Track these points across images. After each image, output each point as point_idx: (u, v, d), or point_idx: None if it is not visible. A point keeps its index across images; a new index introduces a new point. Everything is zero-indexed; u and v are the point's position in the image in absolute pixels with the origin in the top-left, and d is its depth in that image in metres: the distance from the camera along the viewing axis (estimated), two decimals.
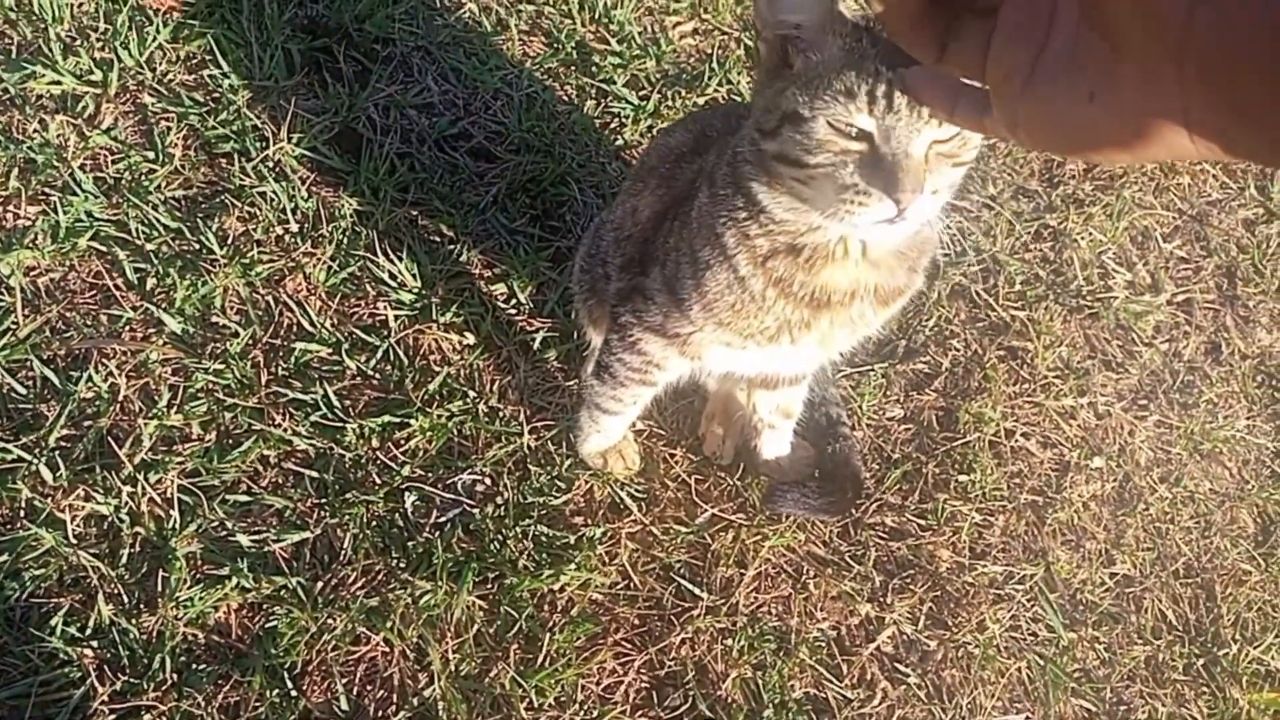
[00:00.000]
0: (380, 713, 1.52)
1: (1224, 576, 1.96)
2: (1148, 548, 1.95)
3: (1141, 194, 2.40)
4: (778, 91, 1.08)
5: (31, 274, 1.75)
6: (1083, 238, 2.28)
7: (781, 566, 1.76)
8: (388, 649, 1.56)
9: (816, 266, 1.20)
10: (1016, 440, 2.00)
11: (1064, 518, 1.93)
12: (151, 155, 1.90)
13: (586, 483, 1.76)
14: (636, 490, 1.78)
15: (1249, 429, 2.15)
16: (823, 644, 1.70)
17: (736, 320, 1.28)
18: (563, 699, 1.56)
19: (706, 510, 1.78)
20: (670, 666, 1.63)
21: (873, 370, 2.01)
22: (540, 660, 1.58)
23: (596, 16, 2.31)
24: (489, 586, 1.63)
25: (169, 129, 1.93)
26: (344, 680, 1.52)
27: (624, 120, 2.19)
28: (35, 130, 1.87)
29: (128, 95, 1.96)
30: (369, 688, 1.54)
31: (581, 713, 1.56)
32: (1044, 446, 2.01)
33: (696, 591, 1.70)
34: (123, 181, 1.86)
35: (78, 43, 1.97)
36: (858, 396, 1.97)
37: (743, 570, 1.74)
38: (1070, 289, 2.21)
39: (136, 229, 1.81)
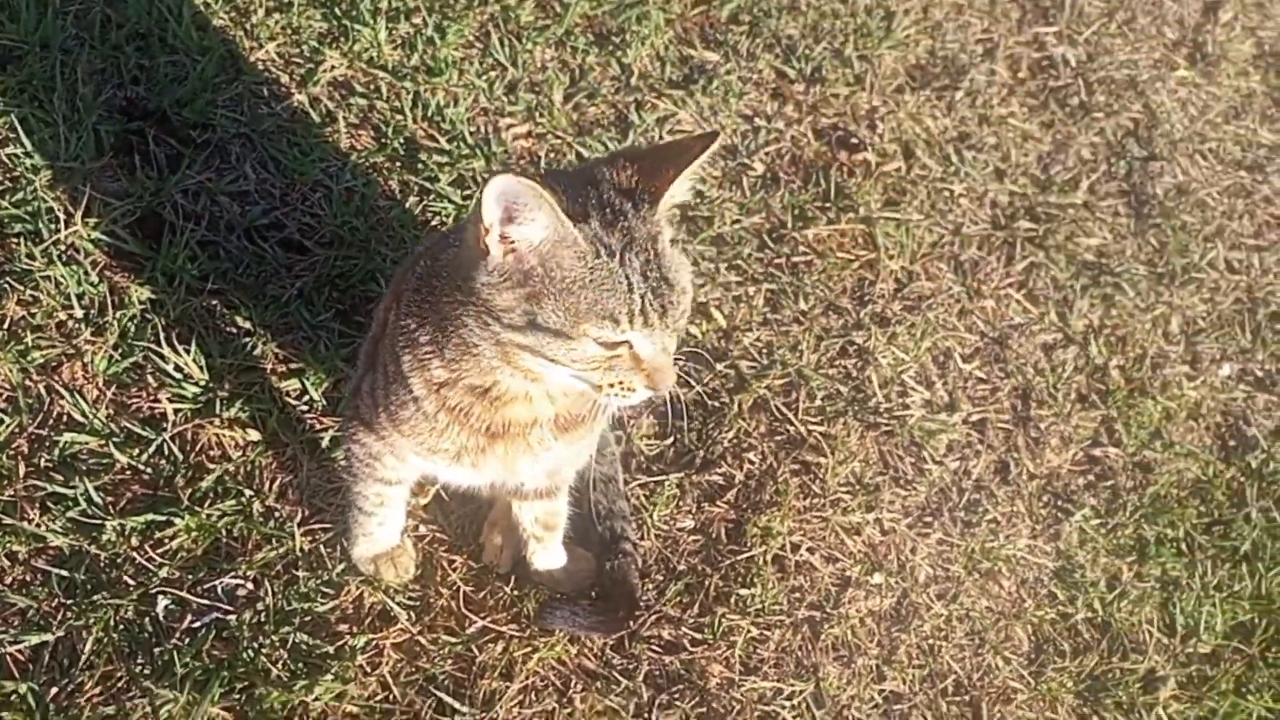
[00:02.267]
0: None
1: (992, 694, 2.03)
2: (919, 664, 2.01)
3: (946, 315, 2.52)
4: (522, 298, 1.14)
5: None
6: (885, 356, 2.38)
7: (550, 679, 1.77)
8: None
9: (500, 404, 1.25)
10: (801, 555, 2.05)
11: (839, 633, 1.99)
12: None
13: (357, 589, 1.75)
14: (409, 598, 1.77)
15: (1030, 549, 2.24)
16: None
17: (415, 434, 1.35)
18: None
19: (478, 621, 1.78)
20: None
21: (668, 479, 2.05)
22: None
23: (429, 114, 2.35)
24: (237, 697, 1.60)
25: None
26: None
27: (445, 219, 2.23)
28: None
29: None
30: None
31: None
32: (827, 561, 2.07)
33: (457, 705, 1.69)
34: None
35: None
36: (650, 506, 2.00)
37: (508, 683, 1.73)
38: (869, 405, 2.30)
39: None
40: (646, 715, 1.78)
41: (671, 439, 2.12)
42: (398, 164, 2.27)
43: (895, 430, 2.28)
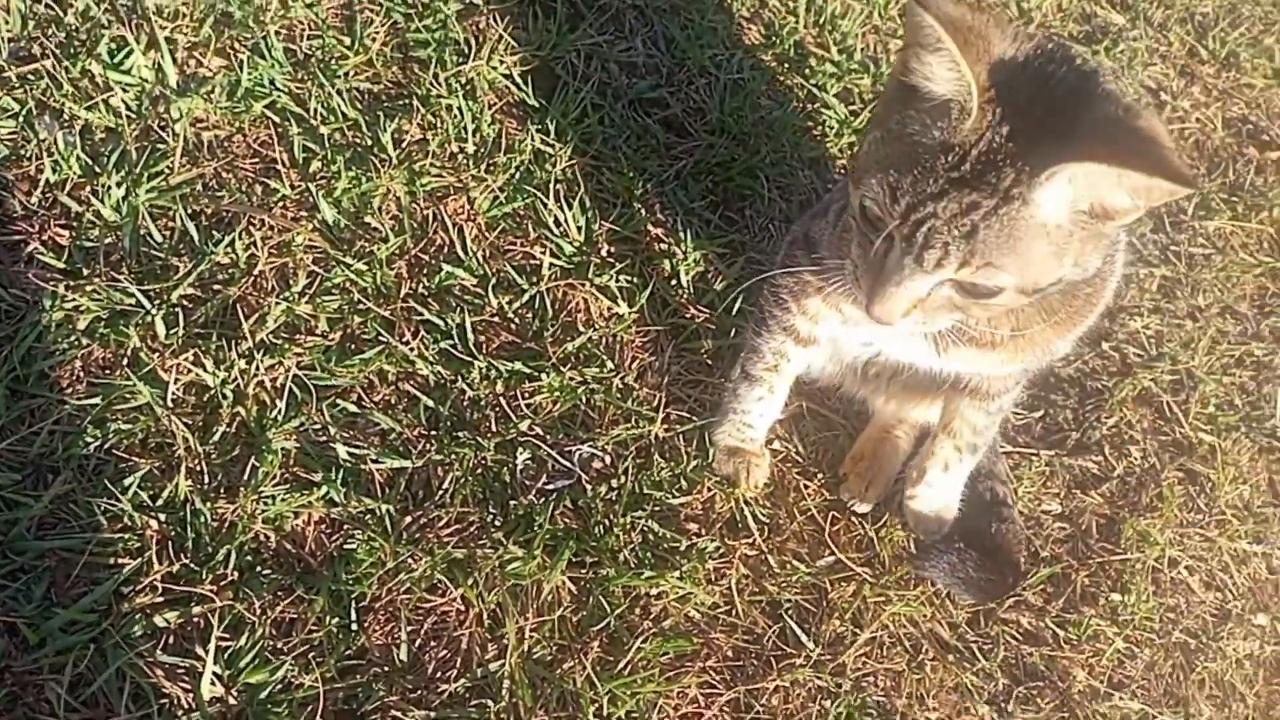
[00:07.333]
0: (439, 673, 1.36)
1: None
2: None
3: None
4: (872, 141, 1.08)
5: (198, 125, 1.67)
6: None
7: (900, 637, 1.57)
8: (463, 608, 1.40)
9: None
10: (1179, 572, 1.78)
11: (1215, 669, 1.70)
12: (348, 42, 1.82)
13: (709, 490, 1.60)
14: (761, 512, 1.61)
15: None
16: None
17: None
18: (635, 715, 1.39)
19: (832, 554, 1.60)
20: (758, 713, 1.44)
21: (1037, 456, 1.81)
22: (621, 666, 1.41)
23: (821, 21, 2.19)
24: (583, 571, 1.47)
25: (372, 20, 1.85)
26: (410, 628, 1.37)
27: (827, 130, 2.05)
28: None
29: None
30: (433, 644, 1.38)
31: None
32: (1206, 587, 1.79)
33: (803, 639, 1.51)
34: (313, 59, 1.78)
35: None
36: (1015, 480, 1.77)
37: (857, 630, 1.55)
38: (1265, 427, 1.98)
39: (315, 109, 1.72)
40: (1002, 705, 1.56)
41: (1042, 412, 1.87)
42: (785, 66, 2.12)
43: None
